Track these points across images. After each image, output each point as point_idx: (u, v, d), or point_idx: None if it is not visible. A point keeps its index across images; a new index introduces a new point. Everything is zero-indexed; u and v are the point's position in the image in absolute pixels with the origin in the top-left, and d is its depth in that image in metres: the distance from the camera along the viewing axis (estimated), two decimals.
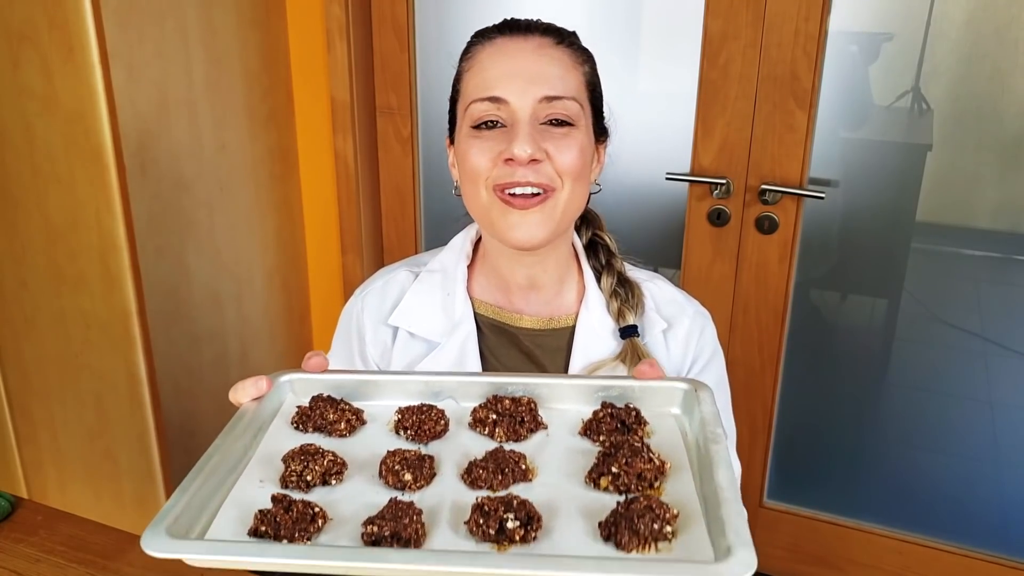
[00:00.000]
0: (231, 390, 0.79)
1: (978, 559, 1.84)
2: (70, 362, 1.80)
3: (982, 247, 1.75)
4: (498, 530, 0.61)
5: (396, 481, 0.68)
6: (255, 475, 0.70)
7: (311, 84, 2.05)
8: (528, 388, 0.80)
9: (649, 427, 0.75)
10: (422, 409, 0.77)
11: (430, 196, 2.16)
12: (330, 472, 0.69)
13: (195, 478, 0.65)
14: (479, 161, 0.93)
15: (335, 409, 0.77)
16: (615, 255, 1.07)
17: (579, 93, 0.95)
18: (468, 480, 0.69)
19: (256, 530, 0.61)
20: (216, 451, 0.70)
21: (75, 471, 1.93)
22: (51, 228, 1.69)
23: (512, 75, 0.92)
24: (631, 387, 0.79)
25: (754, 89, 1.70)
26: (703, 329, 1.05)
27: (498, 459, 0.69)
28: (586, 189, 0.97)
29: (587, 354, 1.01)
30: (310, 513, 0.62)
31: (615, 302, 1.02)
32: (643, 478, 0.67)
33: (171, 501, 0.62)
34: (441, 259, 1.07)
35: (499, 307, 1.04)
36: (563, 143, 0.92)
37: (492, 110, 0.92)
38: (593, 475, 0.69)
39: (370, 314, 1.06)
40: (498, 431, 0.75)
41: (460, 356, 1.01)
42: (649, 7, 1.87)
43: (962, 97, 1.64)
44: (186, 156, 1.79)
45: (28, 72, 1.58)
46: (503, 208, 0.92)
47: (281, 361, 2.20)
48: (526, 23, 0.96)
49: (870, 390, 1.92)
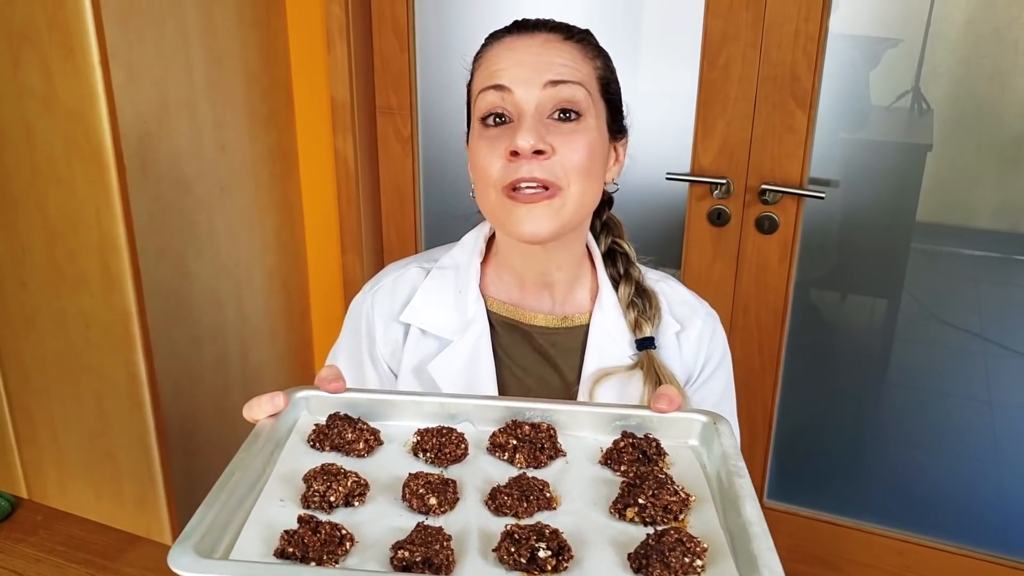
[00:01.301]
0: (245, 407, 0.78)
1: (978, 559, 1.84)
2: (70, 362, 1.80)
3: (982, 247, 1.75)
4: (529, 559, 0.60)
5: (421, 505, 0.68)
6: (275, 494, 0.69)
7: (311, 84, 2.05)
8: (546, 414, 0.80)
9: (669, 458, 0.76)
10: (442, 432, 0.76)
11: (430, 196, 2.16)
12: (353, 493, 0.68)
13: (218, 495, 0.64)
14: (488, 162, 0.92)
15: (353, 429, 0.76)
16: (633, 264, 1.05)
17: (588, 82, 0.93)
18: (492, 506, 0.69)
19: (283, 551, 0.61)
20: (237, 468, 0.69)
21: (75, 471, 1.93)
22: (51, 228, 1.69)
23: (517, 65, 0.91)
24: (649, 417, 0.80)
25: (754, 89, 1.70)
26: (714, 331, 1.06)
27: (522, 486, 0.69)
28: (597, 187, 0.96)
29: (601, 355, 1.00)
30: (338, 535, 0.62)
31: (632, 312, 1.01)
32: (669, 510, 0.67)
33: (196, 518, 0.61)
34: (453, 255, 1.06)
35: (512, 305, 1.03)
36: (570, 138, 0.90)
37: (498, 100, 0.91)
38: (618, 505, 0.69)
39: (381, 311, 1.04)
40: (518, 457, 0.75)
41: (473, 354, 1.00)
42: (649, 7, 1.87)
43: (962, 97, 1.64)
44: (186, 156, 1.79)
45: (28, 72, 1.58)
46: (510, 204, 0.91)
47: (281, 361, 2.20)
48: (535, 21, 0.95)
49: (870, 390, 1.92)
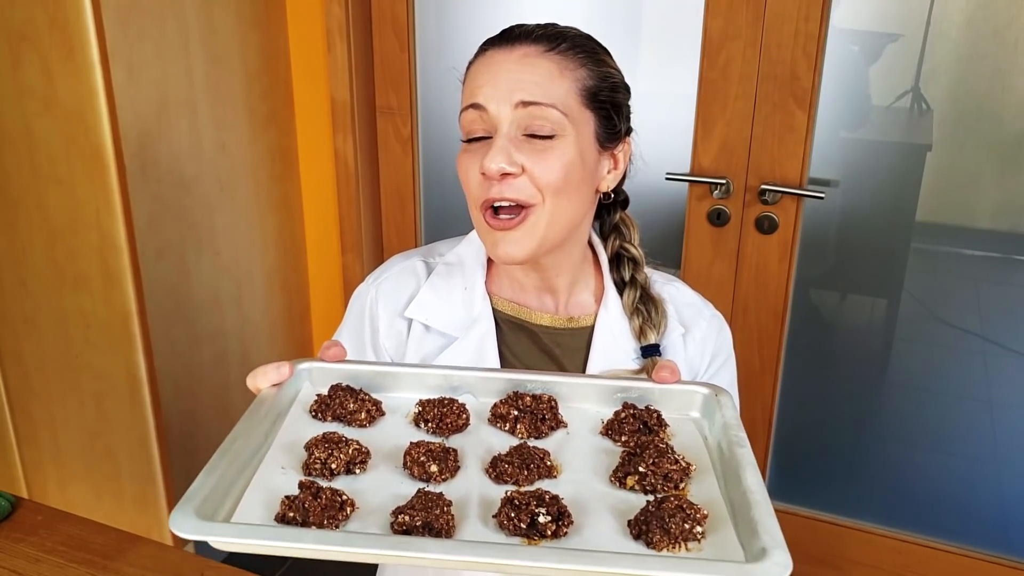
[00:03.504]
0: (249, 375, 0.78)
1: (978, 559, 1.84)
2: (70, 362, 1.80)
3: (982, 247, 1.75)
4: (529, 524, 0.61)
5: (422, 472, 0.68)
6: (277, 461, 0.70)
7: (311, 84, 2.05)
8: (547, 386, 0.80)
9: (670, 429, 0.76)
10: (443, 402, 0.77)
11: (430, 196, 2.16)
12: (355, 461, 0.69)
13: (220, 460, 0.65)
14: (467, 177, 0.92)
15: (355, 399, 0.77)
16: (640, 269, 1.04)
17: (566, 102, 0.91)
18: (493, 474, 0.69)
19: (284, 516, 0.61)
20: (239, 435, 0.69)
21: (75, 471, 1.93)
22: (51, 228, 1.70)
23: (491, 83, 0.90)
24: (651, 389, 0.80)
25: (754, 89, 1.70)
26: (720, 330, 1.05)
27: (523, 454, 0.70)
28: (577, 202, 0.94)
29: (606, 357, 1.00)
30: (338, 501, 0.62)
31: (637, 319, 1.00)
32: (669, 479, 0.67)
33: (198, 482, 0.61)
34: (458, 252, 1.05)
35: (518, 303, 1.02)
36: (542, 156, 0.89)
37: (476, 119, 0.91)
38: (619, 474, 0.69)
39: (385, 304, 1.04)
40: (519, 427, 0.76)
41: (478, 351, 1.00)
42: (649, 7, 1.87)
43: (962, 97, 1.64)
44: (186, 156, 1.79)
45: (28, 72, 1.58)
46: (487, 228, 0.92)
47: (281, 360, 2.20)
48: (519, 32, 0.93)
49: (870, 390, 1.92)
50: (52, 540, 1.17)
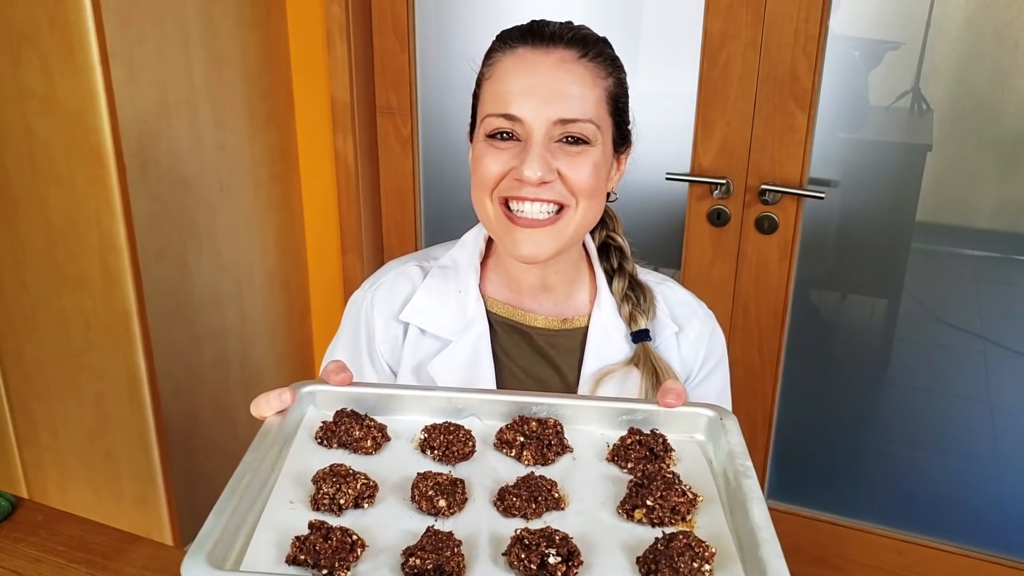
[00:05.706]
0: (252, 404, 0.78)
1: (978, 559, 1.84)
2: (70, 362, 1.80)
3: (982, 247, 1.75)
4: (540, 565, 0.61)
5: (430, 507, 0.68)
6: (285, 495, 0.69)
7: (311, 84, 2.05)
8: (552, 409, 0.80)
9: (675, 454, 0.76)
10: (449, 429, 0.76)
11: (430, 196, 2.16)
12: (363, 496, 0.68)
13: (229, 499, 0.64)
14: (490, 171, 0.92)
15: (360, 426, 0.76)
16: (627, 258, 1.06)
17: (598, 112, 0.92)
18: (501, 508, 0.69)
19: (295, 558, 0.61)
20: (247, 470, 0.69)
21: (75, 471, 1.93)
22: (51, 228, 1.69)
23: (528, 92, 0.90)
24: (655, 411, 0.80)
25: (754, 89, 1.70)
26: (713, 331, 1.07)
27: (531, 486, 0.69)
28: (600, 204, 0.97)
29: (600, 356, 1.01)
30: (348, 542, 0.62)
31: (626, 306, 1.02)
32: (677, 511, 0.68)
33: (208, 525, 0.61)
34: (453, 255, 1.06)
35: (512, 306, 1.03)
36: (576, 161, 0.91)
37: (507, 125, 0.91)
38: (626, 506, 0.69)
39: (380, 309, 1.04)
40: (526, 454, 0.75)
41: (473, 354, 1.00)
42: (649, 7, 1.87)
43: (962, 97, 1.64)
44: (186, 156, 1.79)
45: (28, 72, 1.58)
46: (508, 224, 0.92)
47: (281, 361, 2.20)
48: (551, 32, 0.93)
49: (870, 390, 1.92)
50: (52, 540, 1.17)
